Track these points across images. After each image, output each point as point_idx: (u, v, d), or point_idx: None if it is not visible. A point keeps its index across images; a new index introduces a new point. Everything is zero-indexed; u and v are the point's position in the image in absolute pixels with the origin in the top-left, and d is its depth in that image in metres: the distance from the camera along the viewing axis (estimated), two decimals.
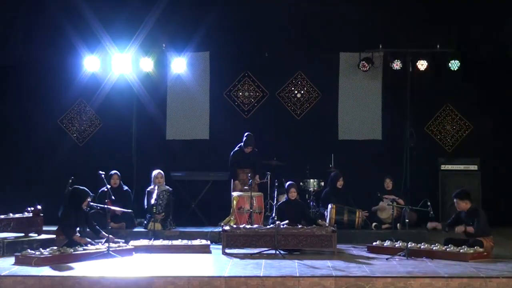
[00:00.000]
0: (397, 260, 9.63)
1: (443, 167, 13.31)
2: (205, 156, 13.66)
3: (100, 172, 10.87)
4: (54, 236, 10.47)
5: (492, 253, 9.99)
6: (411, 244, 10.01)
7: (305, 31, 13.72)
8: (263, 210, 11.93)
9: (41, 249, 9.60)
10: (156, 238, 10.94)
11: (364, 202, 12.46)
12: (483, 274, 8.55)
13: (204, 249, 10.51)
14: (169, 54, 13.39)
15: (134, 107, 13.63)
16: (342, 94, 13.82)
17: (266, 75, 13.98)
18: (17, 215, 10.72)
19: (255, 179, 11.97)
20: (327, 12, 13.54)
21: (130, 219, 11.95)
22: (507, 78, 13.63)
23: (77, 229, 10.36)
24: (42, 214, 10.86)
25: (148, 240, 10.74)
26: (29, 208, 10.87)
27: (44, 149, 13.67)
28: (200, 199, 13.16)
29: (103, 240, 10.14)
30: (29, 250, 9.65)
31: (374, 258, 9.92)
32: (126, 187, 12.42)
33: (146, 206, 12.00)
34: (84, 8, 13.06)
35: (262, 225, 11.02)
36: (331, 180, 12.54)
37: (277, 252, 10.10)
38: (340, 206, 12.08)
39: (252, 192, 11.64)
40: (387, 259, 9.70)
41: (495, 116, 13.64)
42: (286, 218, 10.93)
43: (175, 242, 10.65)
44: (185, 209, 13.04)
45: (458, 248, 9.84)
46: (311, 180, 12.81)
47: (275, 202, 11.72)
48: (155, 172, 12.11)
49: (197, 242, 10.74)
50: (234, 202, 11.87)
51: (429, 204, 10.16)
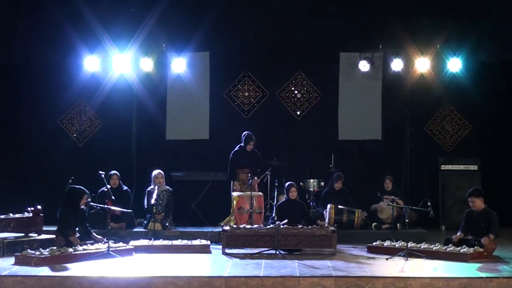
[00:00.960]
0: (397, 260, 9.64)
1: (443, 167, 13.31)
2: (205, 156, 13.65)
3: (100, 172, 10.88)
4: (54, 236, 10.47)
5: (492, 253, 10.00)
6: (411, 244, 10.01)
7: (305, 31, 13.71)
8: (263, 210, 11.92)
9: (41, 249, 9.60)
10: (156, 238, 10.94)
11: (364, 202, 12.45)
12: (483, 274, 8.56)
13: (204, 249, 10.51)
14: (169, 54, 13.41)
15: (134, 107, 13.64)
16: (342, 94, 13.82)
17: (266, 75, 13.98)
18: (17, 215, 10.72)
19: (254, 179, 11.96)
20: (327, 12, 13.54)
21: (130, 219, 11.95)
22: (506, 78, 13.64)
23: (77, 229, 10.37)
24: (42, 214, 10.86)
25: (148, 240, 10.75)
26: (29, 208, 10.87)
27: (44, 149, 13.67)
28: (200, 199, 13.15)
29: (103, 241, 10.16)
30: (29, 250, 9.65)
31: (374, 258, 9.92)
32: (126, 187, 12.42)
33: (146, 206, 12.00)
34: (84, 8, 13.06)
35: (262, 225, 11.03)
36: (332, 180, 12.56)
37: (277, 252, 10.10)
38: (339, 207, 12.07)
39: (252, 192, 11.64)
40: (387, 259, 9.71)
41: (495, 116, 13.64)
42: (286, 218, 10.93)
43: (175, 242, 10.65)
44: (185, 209, 13.04)
45: (458, 248, 9.85)
46: (311, 180, 12.81)
47: (275, 202, 11.72)
48: (155, 172, 12.11)
49: (197, 242, 10.74)
50: (234, 202, 11.87)
51: (429, 204, 10.16)
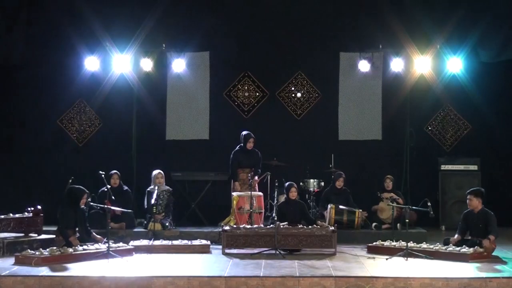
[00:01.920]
0: (397, 260, 9.64)
1: (443, 167, 13.30)
2: (205, 156, 13.65)
3: (100, 172, 10.88)
4: (54, 236, 10.48)
5: (492, 253, 10.00)
6: (411, 244, 10.01)
7: (305, 31, 13.72)
8: (263, 210, 11.92)
9: (41, 249, 9.60)
10: (156, 238, 10.95)
11: (364, 202, 12.45)
12: (483, 274, 8.57)
13: (204, 249, 10.51)
14: (169, 54, 13.41)
15: (134, 107, 13.63)
16: (342, 94, 13.81)
17: (266, 75, 13.96)
18: (17, 215, 10.72)
19: (254, 179, 11.95)
20: (327, 12, 13.54)
21: (130, 219, 11.94)
22: (507, 78, 13.63)
23: (76, 229, 10.37)
24: (42, 214, 10.86)
25: (148, 240, 10.75)
26: (29, 208, 10.87)
27: (44, 149, 13.65)
28: (200, 199, 13.15)
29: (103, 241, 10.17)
30: (29, 250, 9.66)
31: (374, 258, 9.92)
32: (126, 187, 12.42)
33: (146, 206, 12.00)
34: (84, 8, 13.06)
35: (262, 225, 11.02)
36: (332, 180, 12.54)
37: (277, 252, 10.10)
38: (339, 207, 12.07)
39: (252, 192, 11.64)
40: (387, 259, 9.71)
41: (495, 116, 13.62)
42: (286, 218, 10.92)
43: (175, 242, 10.65)
44: (185, 209, 13.03)
45: (458, 248, 9.85)
46: (311, 180, 12.80)
47: (275, 202, 11.72)
48: (155, 172, 12.11)
49: (197, 242, 10.74)
50: (234, 202, 11.86)
51: (429, 204, 10.17)
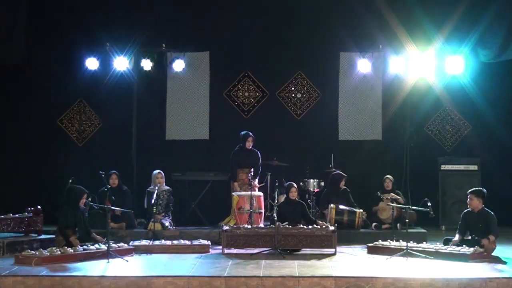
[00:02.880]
0: (397, 260, 9.64)
1: (443, 167, 13.30)
2: (205, 156, 13.66)
3: (100, 172, 10.88)
4: (54, 236, 10.48)
5: (492, 253, 10.00)
6: (411, 244, 10.01)
7: (305, 31, 13.71)
8: (263, 210, 11.92)
9: (41, 249, 9.61)
10: (156, 238, 10.94)
11: (364, 202, 12.44)
12: (483, 274, 8.56)
13: (204, 249, 10.51)
14: (169, 54, 13.41)
15: (134, 107, 13.63)
16: (342, 94, 13.81)
17: (266, 75, 13.97)
18: (17, 215, 10.72)
19: (254, 183, 11.94)
20: (327, 12, 13.54)
21: (130, 219, 11.94)
22: (507, 78, 13.63)
23: (76, 229, 10.37)
24: (42, 214, 10.86)
25: (148, 240, 10.75)
26: (29, 208, 10.87)
27: (44, 149, 13.66)
28: (200, 199, 13.14)
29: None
30: (29, 250, 9.66)
31: (374, 258, 9.92)
32: (125, 187, 12.40)
33: (146, 206, 12.00)
34: (84, 8, 13.07)
35: (262, 225, 11.01)
36: (333, 180, 12.47)
37: (277, 252, 10.09)
38: (340, 207, 12.06)
39: (252, 192, 11.64)
40: (387, 259, 9.71)
41: (495, 116, 13.62)
42: (286, 218, 10.92)
43: (175, 242, 10.65)
44: (185, 209, 13.03)
45: (458, 248, 9.85)
46: (311, 180, 12.79)
47: (275, 202, 11.71)
48: (155, 172, 12.11)
49: (197, 242, 10.74)
50: (234, 202, 11.86)
51: (429, 204, 10.17)
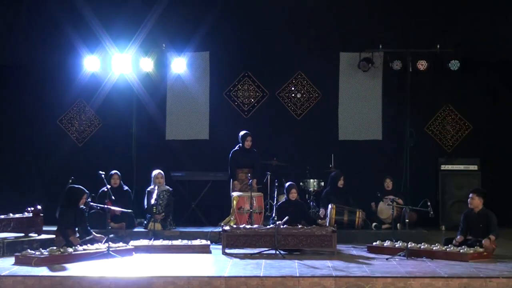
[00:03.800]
0: (397, 260, 9.63)
1: (443, 167, 13.29)
2: (205, 156, 13.65)
3: (100, 172, 10.88)
4: (54, 236, 10.47)
5: (492, 253, 9.99)
6: (411, 244, 10.01)
7: (305, 31, 13.71)
8: (263, 210, 11.92)
9: (41, 249, 9.60)
10: (156, 238, 10.95)
11: (364, 202, 12.45)
12: (483, 274, 8.55)
13: (204, 249, 10.51)
14: (169, 54, 13.40)
15: (134, 107, 13.62)
16: (342, 94, 13.81)
17: (266, 75, 13.97)
18: (17, 215, 10.72)
19: (254, 184, 11.94)
20: (327, 12, 13.54)
21: (130, 219, 11.94)
22: (507, 78, 13.64)
23: (76, 229, 10.37)
24: (42, 214, 10.86)
25: (148, 240, 10.75)
26: (29, 208, 10.87)
27: (44, 149, 13.67)
28: (200, 199, 13.15)
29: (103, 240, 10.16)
30: (29, 250, 9.65)
31: (374, 258, 9.91)
32: (126, 187, 12.42)
33: (146, 206, 12.01)
34: (84, 8, 13.06)
35: (262, 225, 11.02)
36: (332, 179, 12.51)
37: (277, 252, 10.10)
38: (340, 206, 12.08)
39: (252, 192, 11.64)
40: (387, 259, 9.71)
41: (495, 116, 13.64)
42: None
43: (175, 242, 10.65)
44: (185, 209, 13.03)
45: (458, 248, 9.85)
46: (311, 180, 12.80)
47: (275, 202, 11.72)
48: (155, 172, 12.11)
49: (197, 242, 10.74)
50: (234, 202, 11.87)
51: (429, 204, 10.16)
